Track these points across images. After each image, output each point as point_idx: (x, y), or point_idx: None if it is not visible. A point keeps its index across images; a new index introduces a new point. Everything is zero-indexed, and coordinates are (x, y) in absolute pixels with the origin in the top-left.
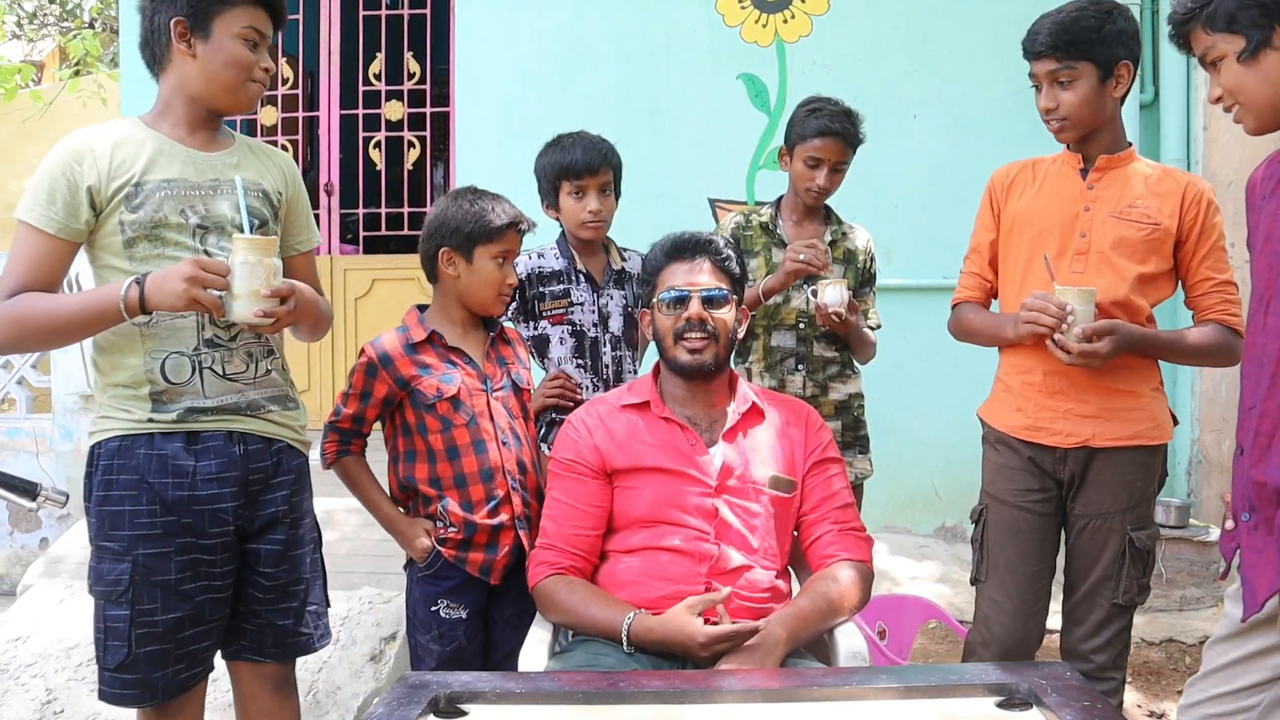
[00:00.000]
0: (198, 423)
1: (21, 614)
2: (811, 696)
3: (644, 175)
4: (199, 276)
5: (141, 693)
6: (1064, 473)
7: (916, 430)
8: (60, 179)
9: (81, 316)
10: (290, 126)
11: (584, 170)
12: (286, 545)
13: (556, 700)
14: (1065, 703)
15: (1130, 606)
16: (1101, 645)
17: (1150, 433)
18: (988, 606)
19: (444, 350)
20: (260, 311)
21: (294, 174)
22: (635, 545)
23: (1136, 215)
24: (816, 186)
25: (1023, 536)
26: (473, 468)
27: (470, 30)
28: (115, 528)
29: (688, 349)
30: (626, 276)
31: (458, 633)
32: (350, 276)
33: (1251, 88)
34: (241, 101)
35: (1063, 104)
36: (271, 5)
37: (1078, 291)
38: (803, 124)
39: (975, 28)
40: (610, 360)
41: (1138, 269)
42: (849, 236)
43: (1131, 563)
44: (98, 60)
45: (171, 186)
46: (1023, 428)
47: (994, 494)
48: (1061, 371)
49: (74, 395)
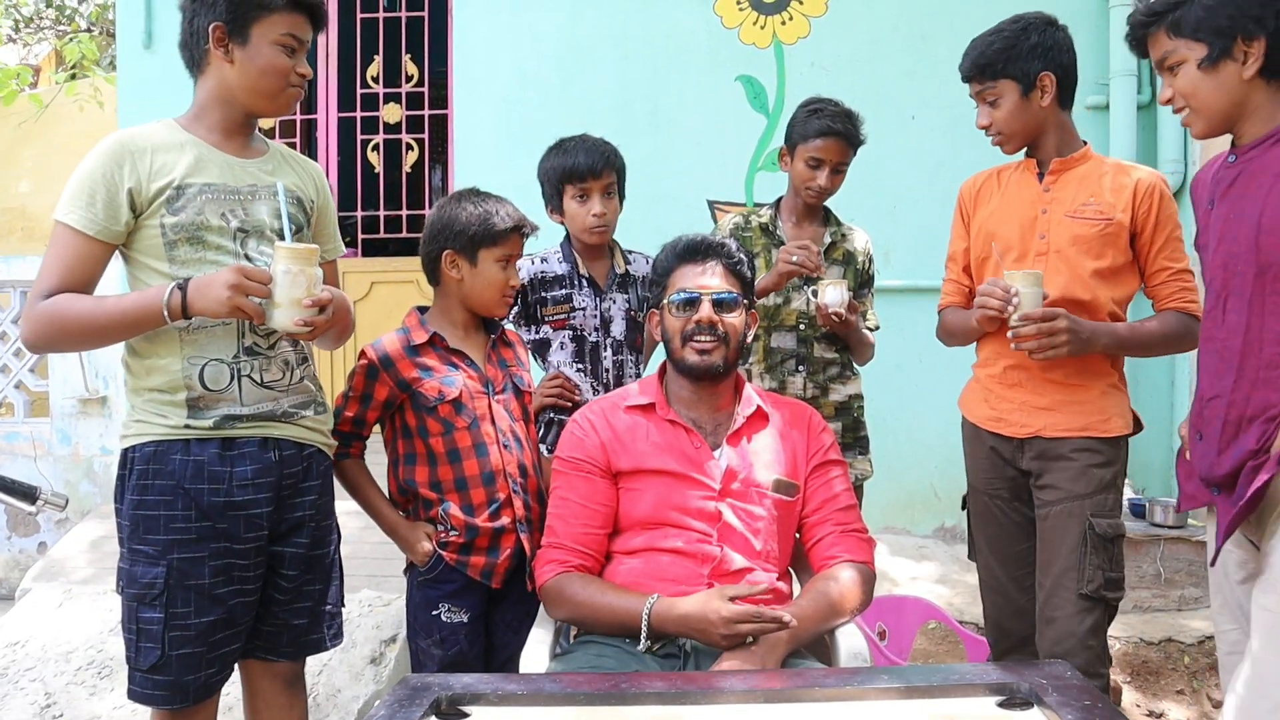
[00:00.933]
0: (234, 429)
1: (20, 618)
2: (812, 697)
3: (643, 177)
4: (242, 284)
5: (172, 694)
6: (1023, 462)
7: (915, 431)
8: (100, 181)
9: (123, 319)
10: (288, 129)
11: (587, 173)
12: (310, 547)
13: (558, 702)
14: (1066, 702)
15: (1098, 600)
16: (1075, 647)
17: (1099, 425)
18: (982, 586)
19: (445, 352)
20: (301, 320)
21: (324, 183)
22: (637, 547)
23: (1090, 212)
24: (817, 187)
25: (995, 520)
26: (474, 471)
27: (468, 32)
28: (150, 532)
29: (696, 350)
30: (631, 280)
31: (459, 637)
32: (349, 279)
33: (1206, 94)
34: (279, 106)
35: (994, 120)
36: (311, 10)
37: (1024, 275)
38: (804, 124)
39: (973, 29)
40: (611, 365)
41: (1094, 264)
42: (848, 238)
43: (1093, 550)
44: (94, 64)
45: (212, 190)
46: (986, 418)
47: (970, 481)
48: (1021, 366)
49: (72, 400)
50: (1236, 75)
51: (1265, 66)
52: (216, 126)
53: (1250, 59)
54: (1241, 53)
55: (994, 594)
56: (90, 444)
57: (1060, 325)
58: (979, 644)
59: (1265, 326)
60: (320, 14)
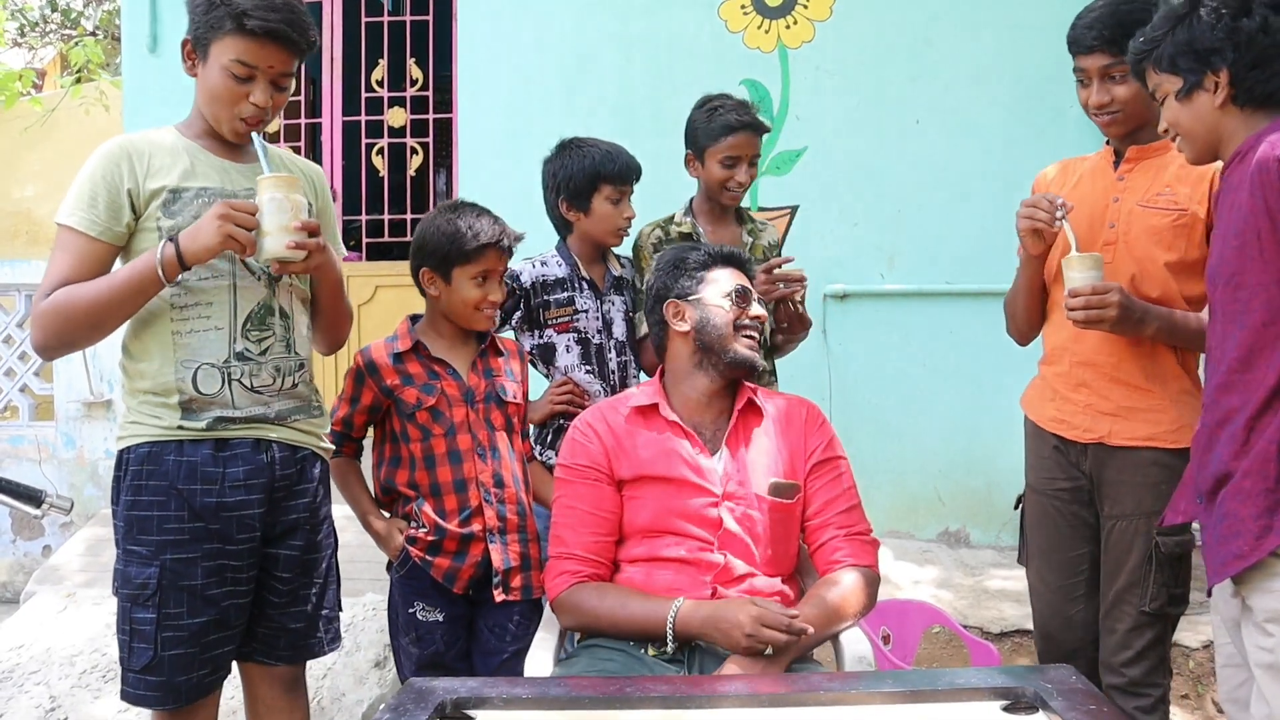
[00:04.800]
0: (226, 430)
1: (24, 621)
2: (817, 701)
3: (647, 181)
4: (230, 214)
5: (164, 695)
6: (1085, 466)
7: (919, 435)
8: (101, 182)
9: (122, 291)
10: (293, 133)
11: (632, 176)
12: (304, 550)
13: (563, 706)
14: (1071, 706)
15: (1161, 616)
16: (1132, 658)
17: (1168, 436)
18: (1031, 594)
19: (428, 361)
20: (292, 243)
21: (323, 186)
22: (639, 555)
23: (1163, 202)
24: (736, 184)
25: (1052, 523)
26: (446, 477)
27: (473, 36)
28: (144, 532)
29: (747, 344)
30: (625, 283)
31: (435, 636)
32: (353, 283)
33: (1185, 123)
34: (228, 133)
35: (1116, 98)
36: (273, 35)
37: (1081, 257)
38: (708, 125)
39: (977, 33)
40: (616, 366)
41: (1165, 255)
42: (763, 233)
43: (1158, 568)
44: (100, 68)
45: (208, 195)
46: (1048, 419)
47: (1029, 481)
48: (1087, 363)
49: (76, 403)
50: (1209, 105)
51: (1236, 95)
52: (210, 132)
53: (1219, 89)
54: (1211, 83)
55: (1043, 602)
56: (95, 447)
57: (1111, 299)
58: (983, 648)
59: (1227, 333)
60: (289, 39)
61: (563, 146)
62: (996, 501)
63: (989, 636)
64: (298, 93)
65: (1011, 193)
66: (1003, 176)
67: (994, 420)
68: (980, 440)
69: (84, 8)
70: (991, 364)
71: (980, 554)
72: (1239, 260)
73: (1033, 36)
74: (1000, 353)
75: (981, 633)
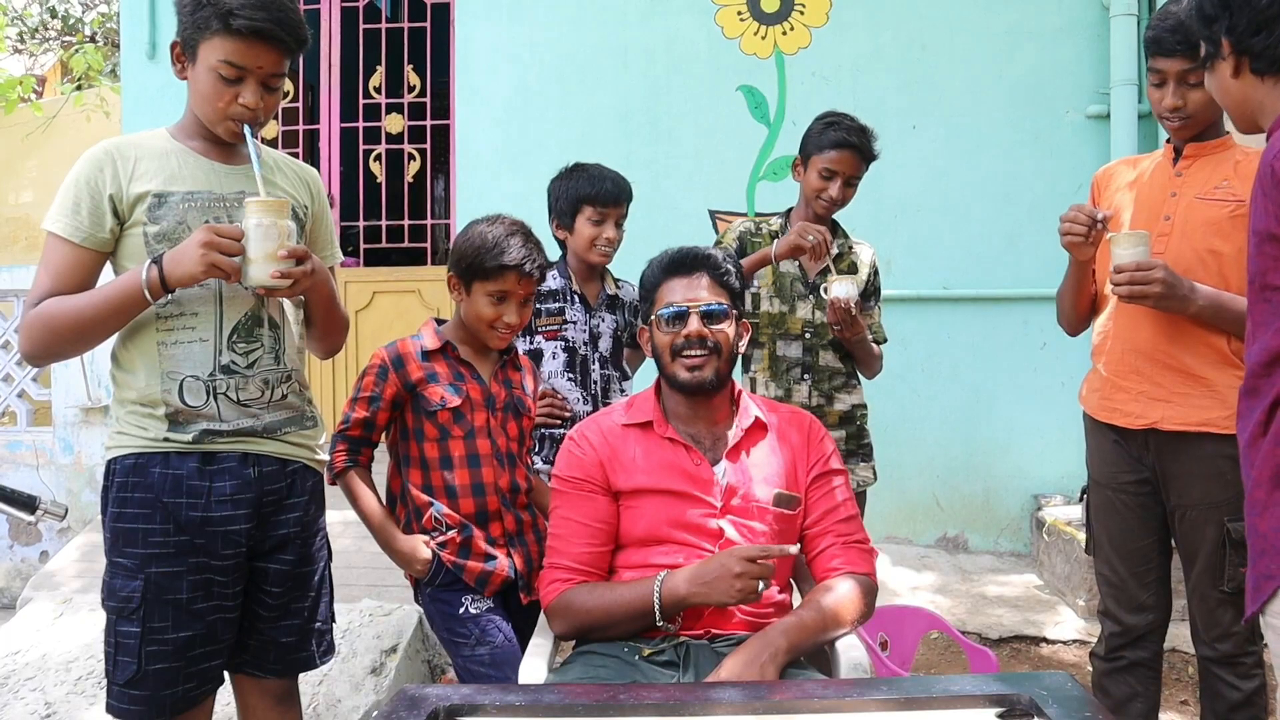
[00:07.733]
0: (214, 444)
1: (21, 627)
2: (812, 708)
3: (644, 187)
4: (213, 241)
5: (149, 709)
6: (1149, 460)
7: (917, 441)
8: (84, 188)
9: (107, 306)
10: (291, 139)
11: (610, 200)
12: (295, 564)
13: (557, 713)
14: (1066, 713)
15: (1241, 593)
16: (1221, 634)
17: (1222, 421)
18: (1100, 580)
19: (455, 362)
20: (277, 273)
21: (319, 189)
22: (637, 563)
23: (1222, 194)
24: (829, 198)
25: (1119, 515)
26: (464, 480)
27: (470, 43)
28: (129, 545)
29: (686, 366)
30: (619, 303)
31: (495, 626)
32: (351, 289)
33: (1217, 94)
34: (219, 134)
35: (1190, 103)
36: (261, 35)
37: (1127, 235)
38: (819, 136)
39: (974, 39)
40: (599, 378)
41: (1224, 246)
42: (854, 251)
43: (1233, 551)
44: (99, 74)
45: (195, 198)
46: (1100, 409)
47: (1092, 475)
48: (1138, 350)
49: (74, 409)
50: (1227, 73)
51: (1252, 64)
52: (202, 134)
53: (1228, 56)
54: (1225, 51)
55: (1114, 589)
56: (93, 453)
57: (1156, 274)
58: (981, 654)
59: (1255, 335)
60: (277, 38)
61: (565, 169)
62: (994, 507)
63: (987, 642)
64: (295, 99)
65: (1008, 198)
66: (999, 182)
67: (992, 426)
68: (978, 446)
69: (84, 14)
70: (989, 369)
71: (978, 559)
72: (1260, 261)
73: (1028, 43)
74: (998, 358)
75: (979, 638)
